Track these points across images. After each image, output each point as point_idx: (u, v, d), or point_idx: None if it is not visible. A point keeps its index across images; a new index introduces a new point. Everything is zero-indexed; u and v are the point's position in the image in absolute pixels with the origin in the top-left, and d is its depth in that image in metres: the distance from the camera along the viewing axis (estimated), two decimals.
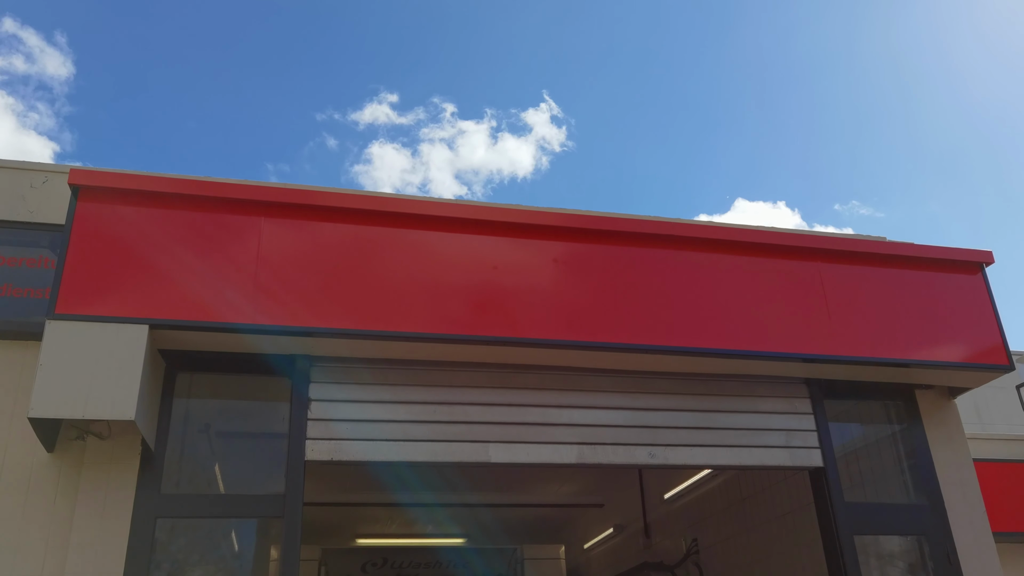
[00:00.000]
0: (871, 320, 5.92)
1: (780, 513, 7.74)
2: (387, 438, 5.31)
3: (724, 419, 5.87)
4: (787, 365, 5.86)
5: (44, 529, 4.75)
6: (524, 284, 5.49)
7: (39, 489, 4.83)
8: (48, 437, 4.79)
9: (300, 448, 5.12)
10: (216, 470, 5.39)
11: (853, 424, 6.45)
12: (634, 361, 5.65)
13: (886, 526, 5.99)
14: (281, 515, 4.97)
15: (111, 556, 4.67)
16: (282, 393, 5.31)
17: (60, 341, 4.56)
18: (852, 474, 6.15)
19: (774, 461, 5.89)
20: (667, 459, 5.73)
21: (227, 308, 4.94)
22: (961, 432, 6.39)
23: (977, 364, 6.02)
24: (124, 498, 4.80)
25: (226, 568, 5.21)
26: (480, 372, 5.58)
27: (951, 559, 5.88)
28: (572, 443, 5.58)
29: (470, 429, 5.46)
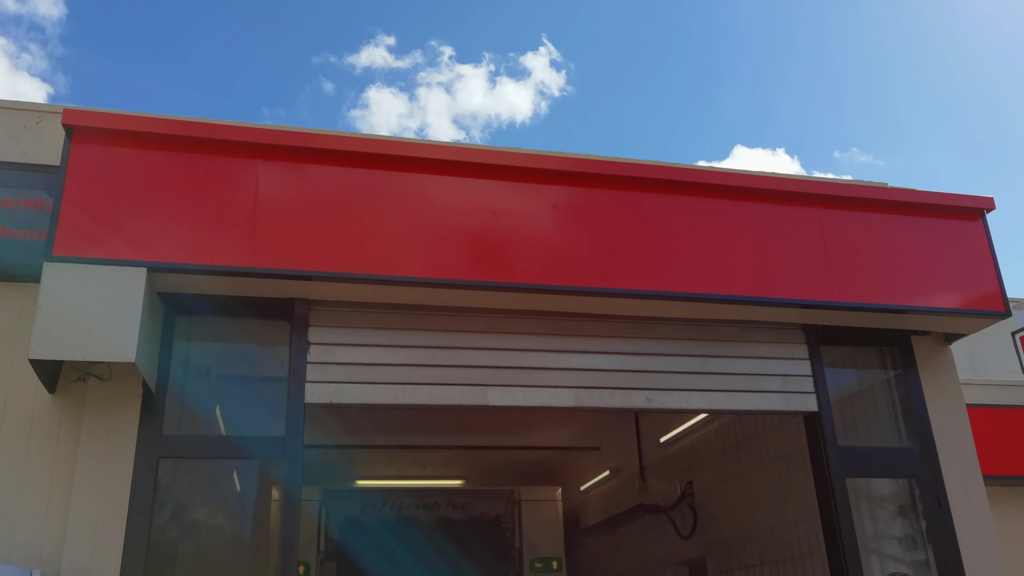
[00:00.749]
0: (869, 266, 5.93)
1: (774, 457, 7.85)
2: (386, 381, 5.35)
3: (721, 364, 5.91)
4: (784, 311, 5.88)
5: (48, 469, 4.81)
6: (523, 229, 5.47)
7: (42, 430, 4.89)
8: (49, 379, 4.82)
9: (300, 391, 5.16)
10: (217, 412, 5.44)
11: (848, 370, 6.51)
12: (632, 307, 5.66)
13: (877, 469, 6.08)
14: (282, 457, 5.04)
15: (115, 496, 4.74)
16: (281, 337, 5.33)
17: (58, 283, 4.56)
18: (846, 419, 6.22)
19: (770, 406, 5.95)
20: (663, 403, 5.79)
21: (225, 251, 4.93)
22: (955, 378, 6.44)
23: (974, 310, 6.04)
24: (126, 439, 4.86)
25: (228, 509, 5.30)
26: (479, 317, 5.60)
27: (940, 501, 5.98)
28: (569, 387, 5.63)
29: (469, 373, 5.50)
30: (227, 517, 5.29)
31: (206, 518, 5.26)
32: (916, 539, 6.04)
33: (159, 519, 4.88)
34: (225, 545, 5.18)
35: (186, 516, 5.18)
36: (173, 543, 5.03)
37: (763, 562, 7.90)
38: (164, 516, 4.97)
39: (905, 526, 6.12)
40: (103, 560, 4.61)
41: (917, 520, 6.06)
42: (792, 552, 7.46)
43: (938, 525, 5.93)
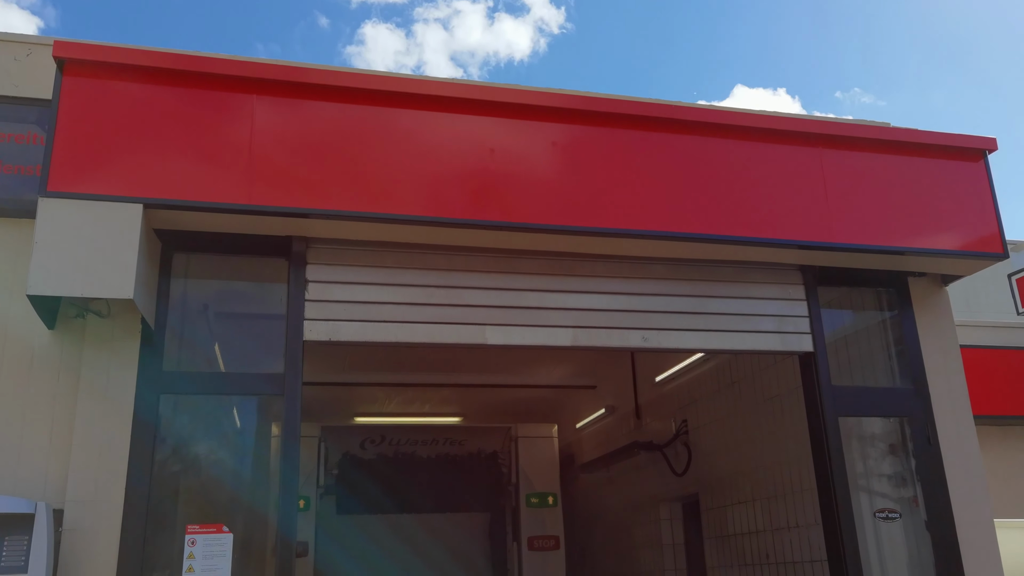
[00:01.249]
0: (869, 207, 5.90)
1: (768, 396, 7.94)
2: (384, 320, 5.37)
3: (717, 304, 5.93)
4: (783, 252, 5.88)
5: (49, 403, 4.86)
6: (521, 167, 5.43)
7: (42, 365, 4.92)
8: (48, 314, 4.84)
9: (298, 329, 5.18)
10: (216, 350, 5.47)
11: (844, 311, 6.54)
12: (629, 246, 5.66)
13: (870, 408, 6.16)
14: (281, 393, 5.08)
15: (116, 430, 4.80)
16: (279, 275, 5.33)
17: (54, 219, 4.54)
18: (840, 359, 6.27)
19: (765, 346, 5.99)
20: (660, 343, 5.83)
21: (221, 188, 4.90)
22: (950, 319, 6.48)
23: (972, 252, 6.04)
24: (126, 375, 4.90)
25: (229, 444, 5.37)
26: (477, 256, 5.59)
27: (931, 440, 6.07)
28: (567, 326, 5.66)
29: (467, 312, 5.52)
30: (228, 452, 5.36)
31: (207, 453, 5.33)
32: (905, 477, 6.15)
33: (161, 454, 4.96)
34: (226, 480, 5.26)
35: (187, 451, 5.25)
36: (175, 477, 5.11)
37: (755, 498, 8.06)
38: (166, 451, 5.04)
39: (895, 464, 6.23)
40: (107, 492, 4.69)
41: (907, 459, 6.16)
42: (784, 489, 7.61)
43: (927, 463, 6.03)
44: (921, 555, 5.94)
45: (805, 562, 7.27)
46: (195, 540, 4.77)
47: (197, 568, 4.73)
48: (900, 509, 6.02)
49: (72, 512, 4.62)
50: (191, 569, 4.72)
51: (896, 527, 5.99)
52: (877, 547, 5.91)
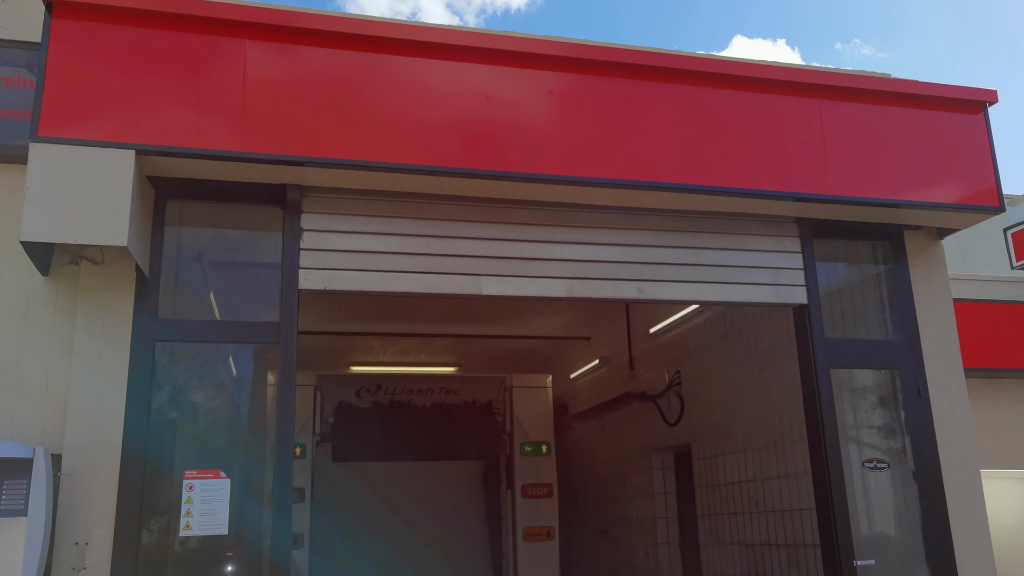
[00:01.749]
0: (867, 159, 5.87)
1: (761, 348, 7.99)
2: (380, 269, 5.37)
3: (713, 256, 5.93)
4: (779, 204, 5.87)
5: (45, 349, 4.88)
6: (518, 116, 5.38)
7: (37, 311, 4.92)
8: (42, 261, 4.83)
9: (293, 277, 5.18)
10: (211, 298, 5.47)
11: (839, 263, 6.54)
12: (626, 197, 5.63)
13: (862, 360, 6.21)
14: (276, 341, 5.10)
15: (113, 377, 4.82)
16: (274, 223, 5.31)
17: (45, 165, 4.50)
18: (834, 312, 6.30)
19: (760, 298, 6.01)
20: (655, 294, 5.84)
21: (214, 135, 4.85)
22: (944, 273, 6.50)
23: (968, 206, 6.04)
24: (122, 322, 4.90)
25: (225, 392, 5.39)
26: (473, 206, 5.57)
27: (921, 392, 6.14)
28: (562, 277, 5.66)
29: (462, 262, 5.52)
30: (224, 400, 5.39)
31: (204, 401, 5.36)
32: (894, 428, 6.23)
33: (157, 401, 4.99)
34: (223, 427, 5.30)
35: (184, 399, 5.28)
36: (172, 424, 5.15)
37: (746, 448, 8.17)
38: (162, 398, 5.07)
39: (884, 416, 6.30)
40: (104, 438, 4.73)
41: (897, 410, 6.23)
42: (774, 439, 7.71)
43: (917, 415, 6.11)
44: (908, 504, 6.04)
45: (794, 510, 7.40)
46: (193, 485, 4.83)
47: (195, 512, 4.79)
48: (888, 459, 6.11)
49: (70, 457, 4.66)
50: (189, 513, 4.79)
51: (884, 477, 6.08)
52: (864, 496, 6.01)
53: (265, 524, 4.96)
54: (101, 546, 4.60)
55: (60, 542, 4.55)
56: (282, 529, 4.82)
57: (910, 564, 5.93)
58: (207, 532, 4.80)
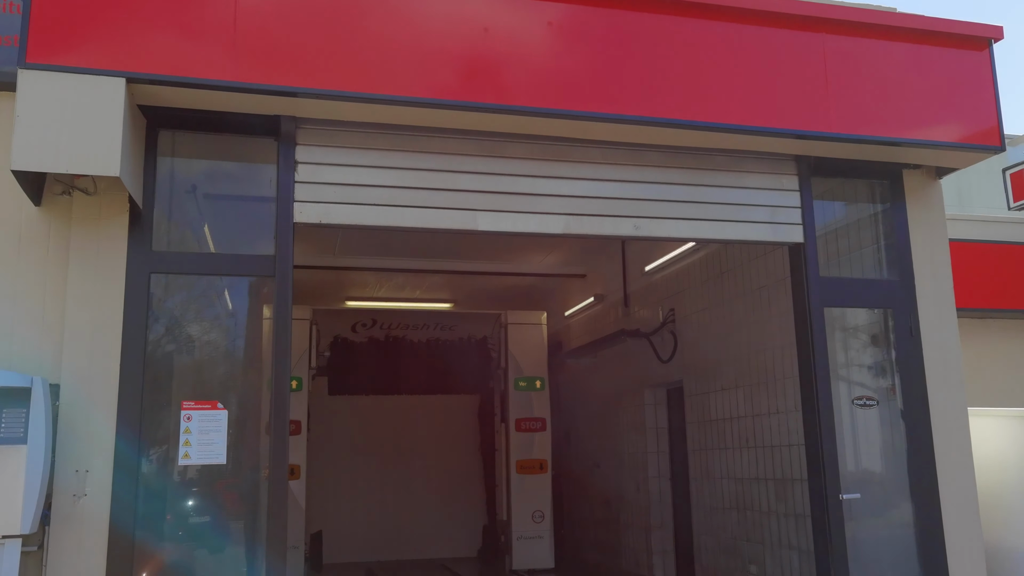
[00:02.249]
0: (869, 96, 5.80)
1: (756, 286, 8.02)
2: (375, 203, 5.34)
3: (710, 193, 5.90)
4: (778, 141, 5.81)
5: (40, 280, 4.86)
6: (516, 49, 5.28)
7: (31, 241, 4.90)
8: (34, 191, 4.78)
9: (288, 210, 5.15)
10: (205, 230, 5.44)
11: (837, 202, 6.52)
12: (623, 133, 5.57)
13: (855, 299, 6.24)
14: (272, 275, 5.09)
15: (109, 309, 4.83)
16: (268, 155, 5.25)
17: (35, 92, 4.42)
18: (829, 251, 6.30)
19: (757, 236, 6.01)
20: (651, 231, 5.83)
21: (205, 63, 4.75)
22: (941, 212, 6.48)
23: (969, 144, 5.99)
24: (116, 254, 4.88)
25: (221, 325, 5.41)
26: (469, 140, 5.51)
27: (913, 331, 6.19)
28: (559, 214, 5.64)
29: (459, 197, 5.48)
30: (220, 333, 5.41)
31: (200, 334, 5.38)
32: (885, 367, 6.30)
33: (154, 334, 5.00)
34: (219, 360, 5.33)
35: (180, 331, 5.30)
36: (168, 357, 5.18)
37: (738, 385, 8.27)
38: (158, 331, 5.08)
39: (876, 354, 6.36)
40: (101, 369, 4.76)
41: (888, 350, 6.29)
42: (766, 376, 7.80)
43: (908, 354, 6.17)
44: (895, 441, 6.15)
45: (783, 445, 7.53)
46: (191, 416, 4.88)
47: (193, 443, 4.86)
48: (877, 397, 6.19)
49: (68, 387, 4.70)
50: (188, 443, 4.85)
51: (872, 414, 6.17)
52: (852, 432, 6.11)
53: (263, 455, 5.03)
54: (101, 474, 4.67)
55: (60, 470, 4.61)
56: (279, 460, 4.89)
57: (895, 498, 6.07)
58: (205, 461, 4.87)
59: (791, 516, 7.39)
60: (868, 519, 5.93)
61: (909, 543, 5.95)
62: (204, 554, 4.93)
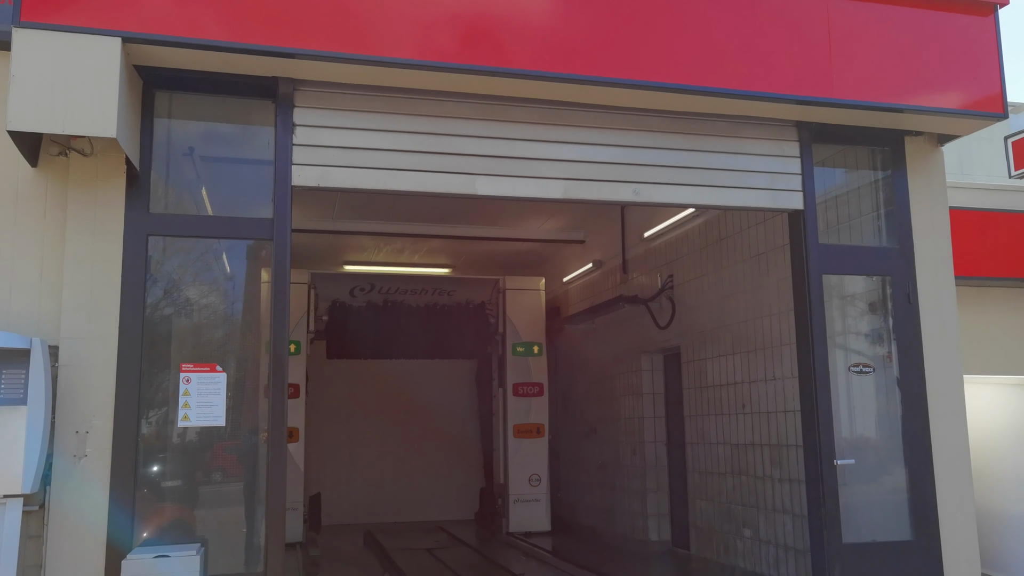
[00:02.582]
0: (872, 62, 5.75)
1: (754, 253, 8.02)
2: (374, 166, 5.31)
3: (710, 159, 5.88)
4: (780, 107, 5.77)
5: (37, 241, 4.85)
6: (515, 11, 5.22)
7: (28, 202, 4.87)
8: (30, 151, 4.75)
9: (286, 173, 5.12)
10: (203, 193, 5.42)
11: (837, 169, 6.49)
12: (623, 97, 5.53)
13: (855, 267, 6.24)
14: (270, 238, 5.09)
15: (107, 271, 4.83)
16: (266, 117, 5.21)
17: (30, 51, 4.37)
18: (829, 218, 6.29)
19: (756, 203, 5.99)
20: (651, 197, 5.81)
21: (202, 23, 4.70)
22: (942, 179, 6.46)
23: (972, 111, 5.95)
24: (114, 216, 4.87)
25: (219, 289, 5.40)
26: (468, 103, 5.47)
27: (911, 299, 6.20)
28: (558, 178, 5.61)
29: (457, 161, 5.46)
30: (219, 297, 5.41)
31: (199, 297, 5.37)
32: (882, 334, 6.32)
33: (152, 297, 5.00)
34: (218, 323, 5.34)
35: (179, 294, 5.30)
36: (167, 320, 5.18)
37: (735, 351, 8.30)
38: (157, 294, 5.08)
39: (873, 322, 6.38)
40: (100, 330, 4.77)
41: (885, 317, 6.31)
42: (763, 343, 7.83)
43: (905, 321, 6.18)
44: (890, 407, 6.19)
45: (779, 412, 7.58)
46: (190, 378, 4.90)
47: (193, 404, 4.88)
48: (874, 364, 6.22)
49: (67, 348, 4.71)
50: (187, 405, 4.87)
51: (868, 381, 6.21)
52: (848, 399, 6.15)
53: (261, 418, 5.06)
54: (101, 435, 4.70)
55: (61, 431, 4.64)
56: (278, 422, 4.92)
57: (889, 464, 6.13)
58: (204, 423, 4.90)
59: (786, 481, 7.46)
60: (862, 484, 6.00)
61: (902, 507, 6.02)
62: (204, 514, 4.98)
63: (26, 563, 4.52)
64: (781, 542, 7.52)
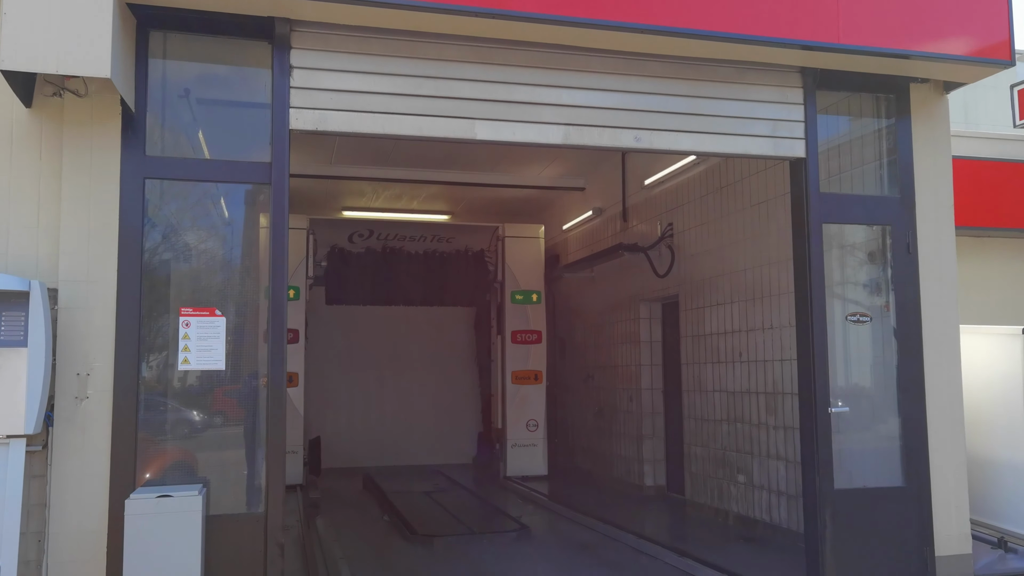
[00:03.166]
0: (878, 7, 5.64)
1: (755, 202, 7.99)
2: (373, 110, 5.25)
3: (713, 106, 5.81)
4: (784, 52, 5.69)
5: (34, 183, 4.82)
6: None
7: (23, 143, 4.83)
8: (24, 91, 4.69)
9: (284, 117, 5.07)
10: (200, 136, 5.36)
11: (841, 117, 6.42)
12: (625, 41, 5.44)
13: (855, 216, 6.21)
14: (268, 182, 5.05)
15: (104, 213, 4.81)
16: (263, 60, 5.13)
17: None
18: (831, 167, 6.25)
19: (758, 150, 5.94)
20: (652, 143, 5.76)
21: None
22: (946, 128, 6.40)
23: (979, 58, 5.86)
24: (110, 158, 4.83)
25: (217, 234, 5.38)
26: (468, 47, 5.38)
27: (910, 249, 6.19)
28: (559, 124, 5.56)
29: (457, 105, 5.39)
30: (217, 242, 5.39)
31: (197, 242, 5.36)
32: (880, 284, 6.33)
33: (150, 241, 4.99)
34: (217, 268, 5.33)
35: (177, 239, 5.28)
36: (166, 265, 5.17)
37: (733, 300, 8.33)
38: (155, 238, 5.07)
39: (871, 272, 6.38)
40: (99, 273, 4.77)
41: (884, 267, 6.30)
42: (762, 292, 7.85)
43: (904, 271, 6.18)
44: (886, 357, 6.23)
45: (775, 360, 7.64)
46: (189, 322, 4.92)
47: (192, 348, 4.91)
48: (872, 314, 6.24)
49: (66, 291, 4.71)
50: (187, 349, 4.90)
51: (865, 330, 6.23)
52: (844, 348, 6.18)
53: (261, 362, 5.08)
54: (102, 377, 4.74)
55: (62, 373, 4.67)
56: (277, 366, 4.95)
57: (882, 412, 6.19)
58: (204, 367, 4.93)
59: (780, 428, 7.55)
60: (855, 432, 6.07)
61: (893, 454, 6.10)
62: (206, 456, 5.04)
63: (31, 502, 4.60)
64: (774, 487, 7.65)
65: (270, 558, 4.83)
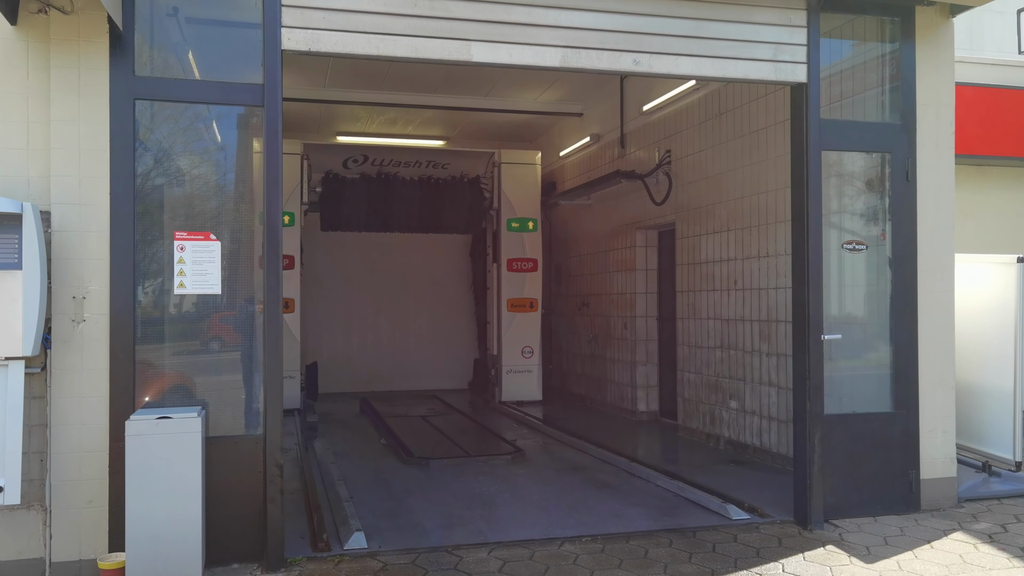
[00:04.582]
0: None
1: (754, 128, 7.90)
2: (366, 30, 5.13)
3: (714, 28, 5.68)
4: None
5: (22, 103, 4.73)
6: None
7: (9, 63, 4.72)
8: (8, 7, 4.57)
9: (275, 36, 4.95)
10: (190, 57, 5.25)
11: (844, 41, 6.29)
12: None
13: (855, 142, 6.15)
14: (261, 104, 4.97)
15: (94, 134, 4.73)
16: None
17: None
18: (832, 92, 6.15)
19: (759, 75, 5.83)
20: (651, 67, 5.65)
21: None
22: (951, 54, 6.29)
23: None
24: (98, 77, 4.73)
25: (210, 159, 5.31)
26: None
27: (909, 176, 6.15)
28: (556, 46, 5.44)
29: (452, 25, 5.26)
30: (210, 167, 5.32)
31: (189, 167, 5.29)
32: (877, 213, 6.30)
33: (142, 166, 4.93)
34: (210, 193, 5.28)
35: (169, 163, 5.21)
36: (159, 190, 5.12)
37: (730, 228, 8.31)
38: (147, 162, 5.00)
39: (869, 201, 6.35)
40: (91, 196, 4.73)
41: (882, 196, 6.27)
42: (758, 220, 7.83)
43: (901, 199, 6.16)
44: (880, 285, 6.25)
45: (770, 288, 7.67)
46: (184, 246, 4.89)
47: (188, 272, 4.90)
48: (867, 242, 6.23)
49: (59, 214, 4.68)
50: (182, 273, 4.89)
51: (860, 258, 6.23)
52: (839, 276, 6.20)
53: (257, 288, 5.08)
54: (99, 300, 4.75)
55: (58, 296, 4.67)
56: (273, 292, 4.95)
57: (874, 340, 6.24)
58: (200, 291, 4.93)
59: (773, 355, 7.63)
60: (847, 359, 6.13)
61: (884, 381, 6.18)
62: (204, 380, 5.08)
63: (32, 422, 4.66)
64: (765, 413, 7.77)
65: (269, 477, 4.92)
